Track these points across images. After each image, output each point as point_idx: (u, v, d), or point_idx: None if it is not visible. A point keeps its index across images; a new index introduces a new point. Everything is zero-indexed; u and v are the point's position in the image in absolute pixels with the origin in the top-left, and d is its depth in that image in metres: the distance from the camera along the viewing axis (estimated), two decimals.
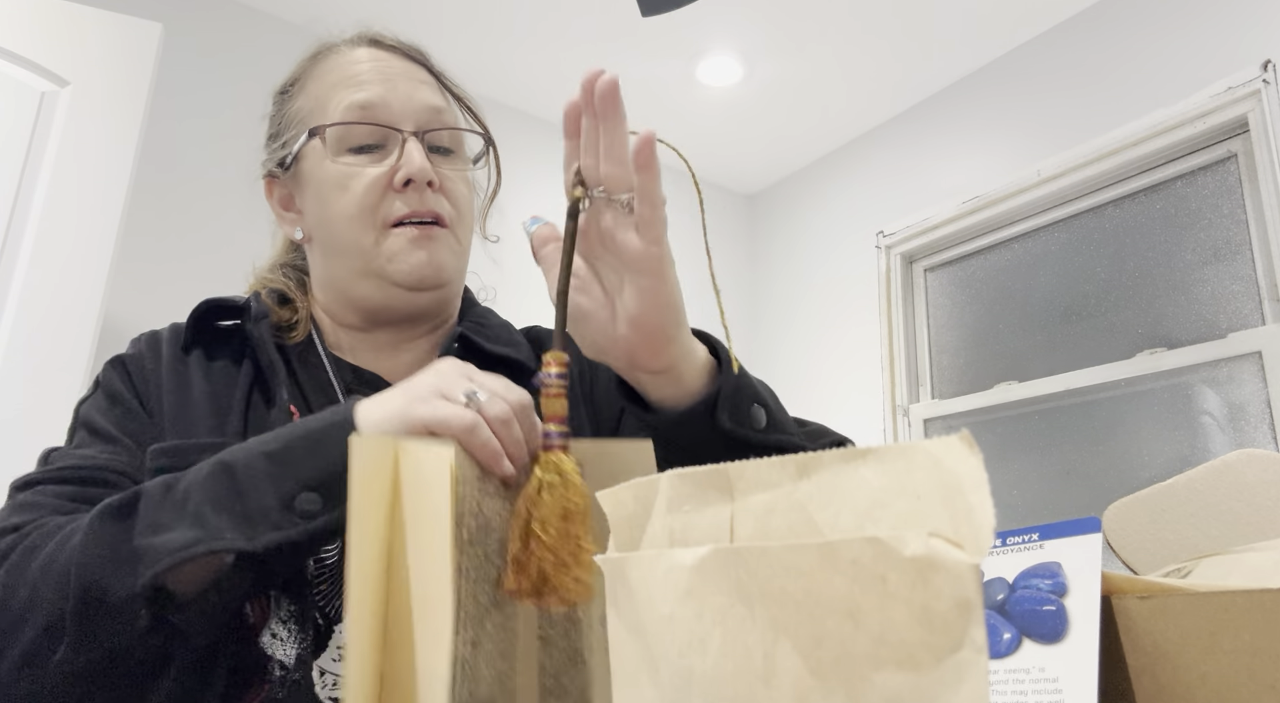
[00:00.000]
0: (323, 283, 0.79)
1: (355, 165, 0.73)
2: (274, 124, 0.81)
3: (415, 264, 0.72)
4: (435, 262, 0.72)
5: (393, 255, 0.72)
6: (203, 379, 0.72)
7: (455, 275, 0.76)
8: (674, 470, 0.36)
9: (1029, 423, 2.56)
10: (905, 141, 3.05)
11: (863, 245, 3.09)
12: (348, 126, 0.73)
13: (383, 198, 0.72)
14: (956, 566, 0.23)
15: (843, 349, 3.08)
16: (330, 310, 0.79)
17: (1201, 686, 0.34)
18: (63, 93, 1.84)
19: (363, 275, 0.74)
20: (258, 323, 0.74)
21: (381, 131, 0.73)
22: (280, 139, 0.79)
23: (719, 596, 0.29)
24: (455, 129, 0.78)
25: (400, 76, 0.76)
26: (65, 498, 0.62)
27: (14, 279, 1.72)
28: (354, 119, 0.73)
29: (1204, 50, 2.25)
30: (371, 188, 0.72)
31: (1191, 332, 2.23)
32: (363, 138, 0.73)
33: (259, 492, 0.52)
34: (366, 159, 0.73)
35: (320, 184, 0.74)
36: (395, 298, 0.74)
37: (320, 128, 0.74)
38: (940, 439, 0.25)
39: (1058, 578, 0.40)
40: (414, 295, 0.74)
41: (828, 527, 0.29)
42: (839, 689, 0.25)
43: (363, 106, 0.73)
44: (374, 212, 0.72)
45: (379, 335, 0.78)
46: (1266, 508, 0.54)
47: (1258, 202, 2.14)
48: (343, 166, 0.73)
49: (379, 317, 0.76)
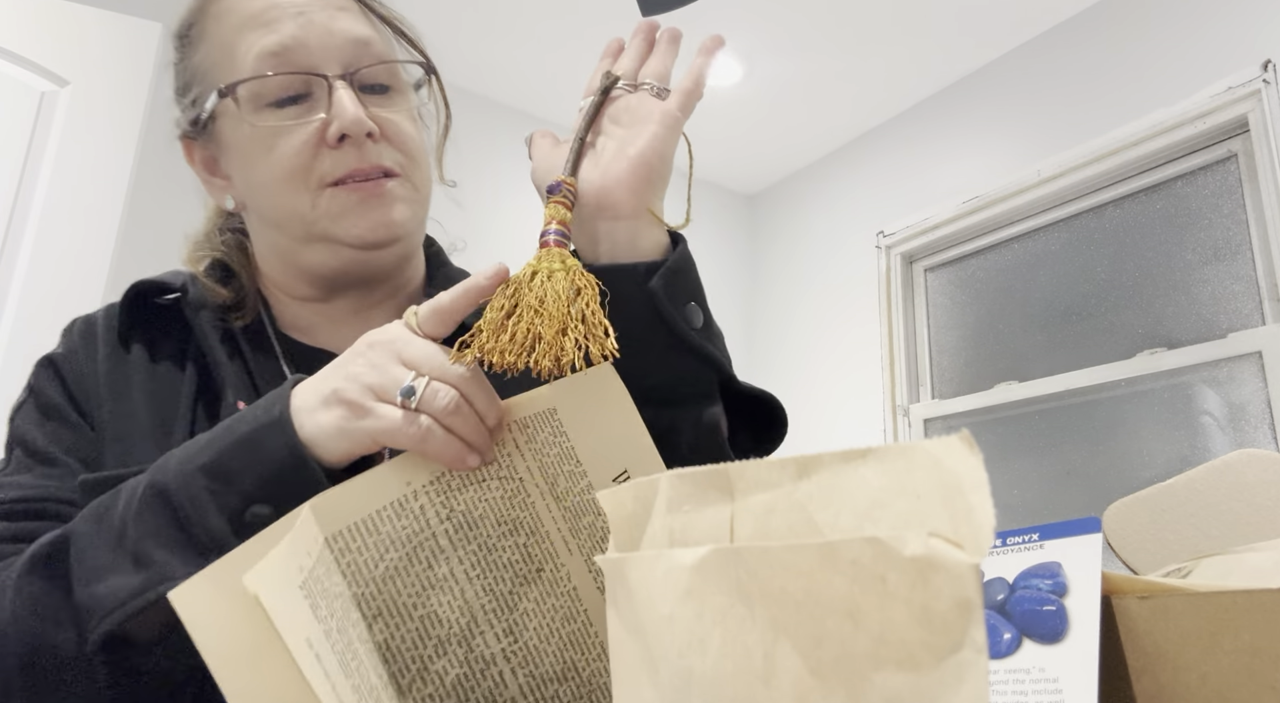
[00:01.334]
0: (266, 254, 0.70)
1: (279, 123, 0.62)
2: (179, 75, 0.70)
3: (365, 227, 0.63)
4: (388, 220, 0.64)
5: (337, 215, 0.63)
6: (145, 379, 0.64)
7: (416, 227, 0.68)
8: (674, 471, 0.36)
9: (1029, 423, 2.56)
10: (905, 141, 3.05)
11: (863, 245, 3.09)
12: (261, 80, 0.62)
13: (315, 157, 0.62)
14: (956, 566, 0.23)
15: (843, 349, 3.08)
16: (280, 283, 0.70)
17: (1202, 686, 0.34)
18: (63, 93, 1.84)
19: (307, 241, 0.65)
20: (198, 313, 0.66)
21: (304, 79, 0.63)
22: (189, 95, 0.69)
23: (719, 596, 0.29)
24: (387, 62, 0.66)
25: (314, 7, 0.64)
26: (6, 539, 0.55)
27: (14, 279, 1.72)
28: (268, 70, 0.62)
29: (1204, 50, 2.25)
30: (300, 147, 0.62)
31: (1191, 332, 2.23)
32: (282, 89, 0.63)
33: (203, 515, 0.46)
34: (291, 113, 0.63)
35: (242, 148, 0.65)
36: (350, 261, 0.65)
37: (230, 87, 0.63)
38: (940, 439, 0.25)
39: (1058, 578, 0.40)
40: (371, 255, 0.65)
41: (828, 527, 0.29)
42: (839, 689, 0.25)
43: (275, 53, 0.62)
44: (307, 174, 0.62)
45: (338, 304, 0.69)
46: (1267, 508, 0.54)
47: (1258, 201, 2.14)
48: (265, 127, 0.62)
49: (335, 283, 0.68)
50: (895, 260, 2.99)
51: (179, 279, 0.68)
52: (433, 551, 0.48)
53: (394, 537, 0.46)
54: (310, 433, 0.47)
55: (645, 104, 0.58)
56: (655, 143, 0.56)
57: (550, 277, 0.49)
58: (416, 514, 0.47)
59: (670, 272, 0.55)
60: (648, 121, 0.57)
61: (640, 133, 0.56)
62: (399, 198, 0.65)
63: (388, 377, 0.47)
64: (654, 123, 0.56)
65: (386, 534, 0.46)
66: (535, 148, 0.61)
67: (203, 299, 0.67)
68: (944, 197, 2.84)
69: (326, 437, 0.47)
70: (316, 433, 0.47)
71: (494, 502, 0.49)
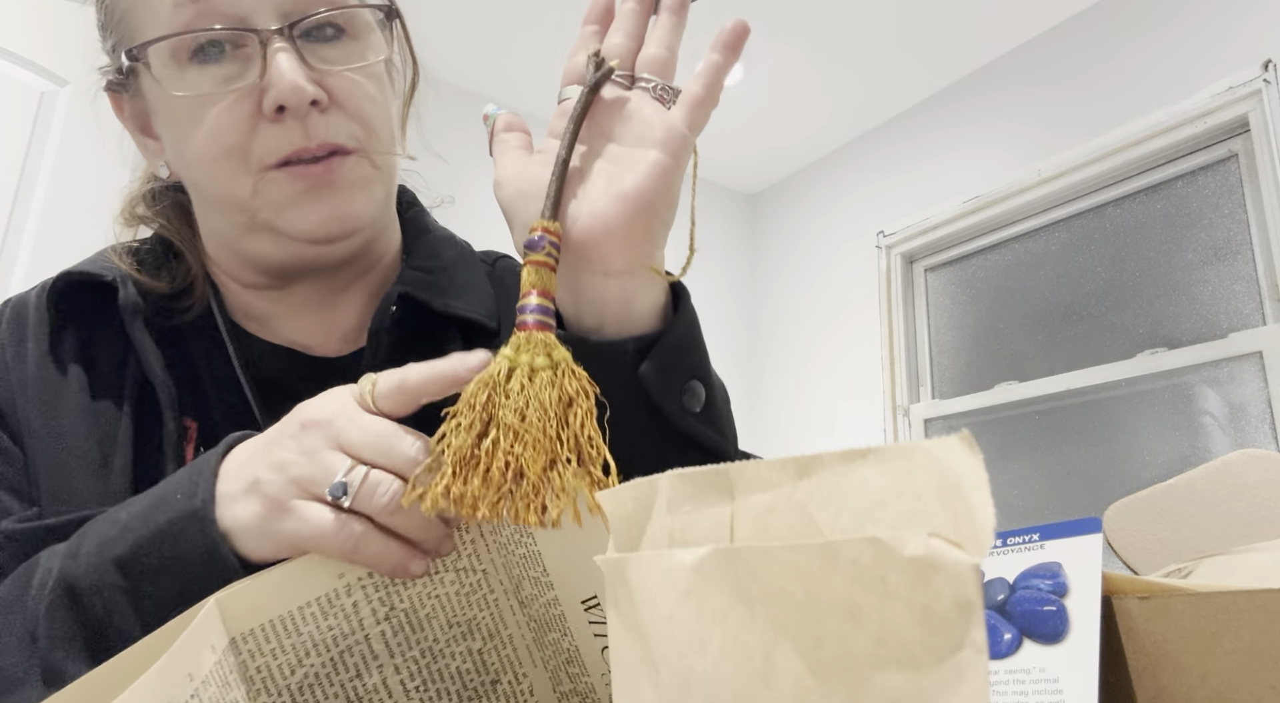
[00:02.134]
0: (209, 233, 0.60)
1: (204, 90, 0.52)
2: (100, 12, 0.60)
3: (315, 221, 0.53)
4: (342, 213, 0.53)
5: (280, 206, 0.53)
6: (78, 391, 0.55)
7: (378, 210, 0.57)
8: (674, 471, 0.36)
9: (1029, 423, 2.56)
10: (905, 141, 3.05)
11: (863, 245, 3.09)
12: (177, 38, 0.51)
13: (252, 132, 0.52)
14: (957, 566, 0.23)
15: (843, 349, 3.08)
16: (228, 269, 0.60)
17: (1202, 686, 0.34)
18: (62, 93, 1.84)
19: (249, 230, 0.55)
20: (133, 320, 0.56)
21: (230, 32, 0.51)
22: (109, 39, 0.59)
23: (719, 596, 0.29)
24: (337, 8, 0.54)
25: None
26: None
27: (14, 279, 1.72)
28: (185, 26, 0.51)
29: (1204, 50, 2.25)
30: (234, 121, 0.51)
31: (1192, 332, 2.23)
32: (207, 43, 0.52)
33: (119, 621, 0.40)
34: (220, 74, 0.52)
35: (166, 113, 0.55)
36: (298, 254, 0.56)
37: (140, 48, 0.52)
38: (941, 439, 0.25)
39: (1058, 578, 0.40)
40: (325, 249, 0.56)
41: (828, 527, 0.29)
42: (839, 690, 0.25)
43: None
44: (243, 153, 0.52)
45: (297, 291, 0.60)
46: (1267, 508, 0.54)
47: (1258, 201, 2.14)
48: (189, 94, 0.52)
49: (286, 273, 0.58)
50: (895, 260, 2.99)
51: (110, 274, 0.57)
52: (363, 656, 0.40)
53: (317, 639, 0.39)
54: (229, 526, 0.40)
55: (644, 113, 0.45)
56: (657, 178, 0.44)
57: (532, 377, 0.39)
58: (348, 613, 0.40)
59: (667, 350, 0.46)
60: (647, 142, 0.44)
61: (638, 161, 0.44)
62: (354, 182, 0.54)
63: (318, 468, 0.39)
64: (655, 146, 0.44)
65: (309, 635, 0.39)
66: (499, 149, 0.48)
67: (136, 303, 0.57)
68: (944, 197, 2.84)
69: (246, 534, 0.40)
70: (235, 527, 0.40)
71: (447, 598, 0.41)
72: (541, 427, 0.38)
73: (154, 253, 0.60)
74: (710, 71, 0.46)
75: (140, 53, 0.52)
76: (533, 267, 0.42)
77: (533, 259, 0.42)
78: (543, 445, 0.37)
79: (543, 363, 0.39)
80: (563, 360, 0.40)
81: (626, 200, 0.43)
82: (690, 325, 0.48)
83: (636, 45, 0.48)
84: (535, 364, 0.39)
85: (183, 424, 0.55)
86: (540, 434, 0.37)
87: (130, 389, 0.55)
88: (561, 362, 0.40)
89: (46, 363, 0.56)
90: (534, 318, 0.41)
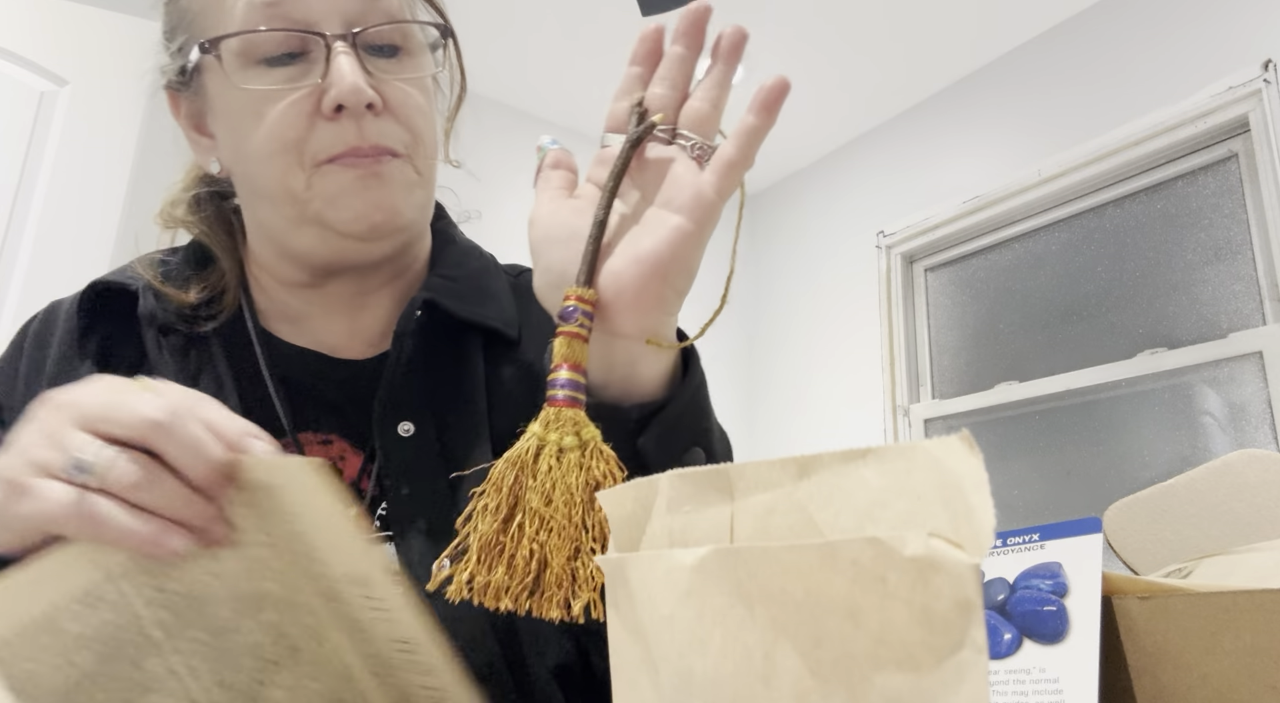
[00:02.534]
0: (254, 230, 0.63)
1: (269, 86, 0.55)
2: (167, 17, 0.62)
3: (362, 210, 0.56)
4: (387, 205, 0.56)
5: (331, 198, 0.56)
6: None
7: (417, 214, 0.61)
8: (674, 471, 0.36)
9: (1029, 423, 2.56)
10: (905, 141, 3.05)
11: (863, 245, 3.09)
12: (250, 35, 0.55)
13: (310, 129, 0.55)
14: (957, 566, 0.23)
15: (843, 349, 3.08)
16: (267, 265, 0.63)
17: (1202, 686, 0.34)
18: (62, 93, 1.84)
19: (298, 223, 0.57)
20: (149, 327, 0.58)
21: (298, 37, 0.55)
22: (175, 41, 0.61)
23: (719, 596, 0.29)
24: (398, 22, 0.58)
25: None
26: None
27: (14, 279, 1.72)
28: (258, 23, 0.54)
29: (1204, 50, 2.25)
30: (294, 118, 0.55)
31: (1192, 332, 2.23)
32: (274, 46, 0.55)
33: None
34: (283, 75, 0.55)
35: (228, 110, 0.57)
36: (344, 249, 0.58)
37: (213, 42, 0.55)
38: (941, 439, 0.25)
39: (1058, 578, 0.40)
40: (367, 245, 0.58)
41: (828, 527, 0.29)
42: (839, 690, 0.25)
43: (268, 3, 0.54)
44: (299, 148, 0.55)
45: (332, 290, 0.62)
46: (1267, 508, 0.54)
47: (1258, 201, 2.14)
48: (253, 89, 0.55)
49: (328, 269, 0.61)
50: (895, 260, 2.99)
51: (135, 283, 0.61)
52: (138, 645, 0.38)
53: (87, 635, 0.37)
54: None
55: (676, 172, 0.45)
56: (675, 244, 0.43)
57: (560, 458, 0.38)
58: (115, 603, 0.37)
59: (669, 421, 0.45)
60: (674, 205, 0.44)
61: (660, 224, 0.43)
62: (399, 183, 0.57)
63: (57, 447, 0.37)
64: (680, 211, 0.43)
65: (74, 634, 0.37)
66: (542, 185, 0.48)
67: (154, 313, 0.59)
68: (944, 197, 2.84)
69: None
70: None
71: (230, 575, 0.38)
72: (567, 513, 0.37)
73: (182, 264, 0.63)
74: (746, 134, 0.45)
75: (213, 46, 0.55)
76: (566, 338, 0.41)
77: (565, 331, 0.41)
78: (568, 534, 0.37)
79: (571, 443, 0.39)
80: (592, 440, 0.39)
81: (641, 264, 0.43)
82: (695, 393, 0.48)
83: (681, 97, 0.47)
84: (564, 444, 0.39)
85: None
86: (565, 521, 0.37)
87: None
88: (591, 441, 0.39)
89: (65, 363, 0.58)
90: (564, 394, 0.40)
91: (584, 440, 0.39)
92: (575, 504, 0.37)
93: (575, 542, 0.37)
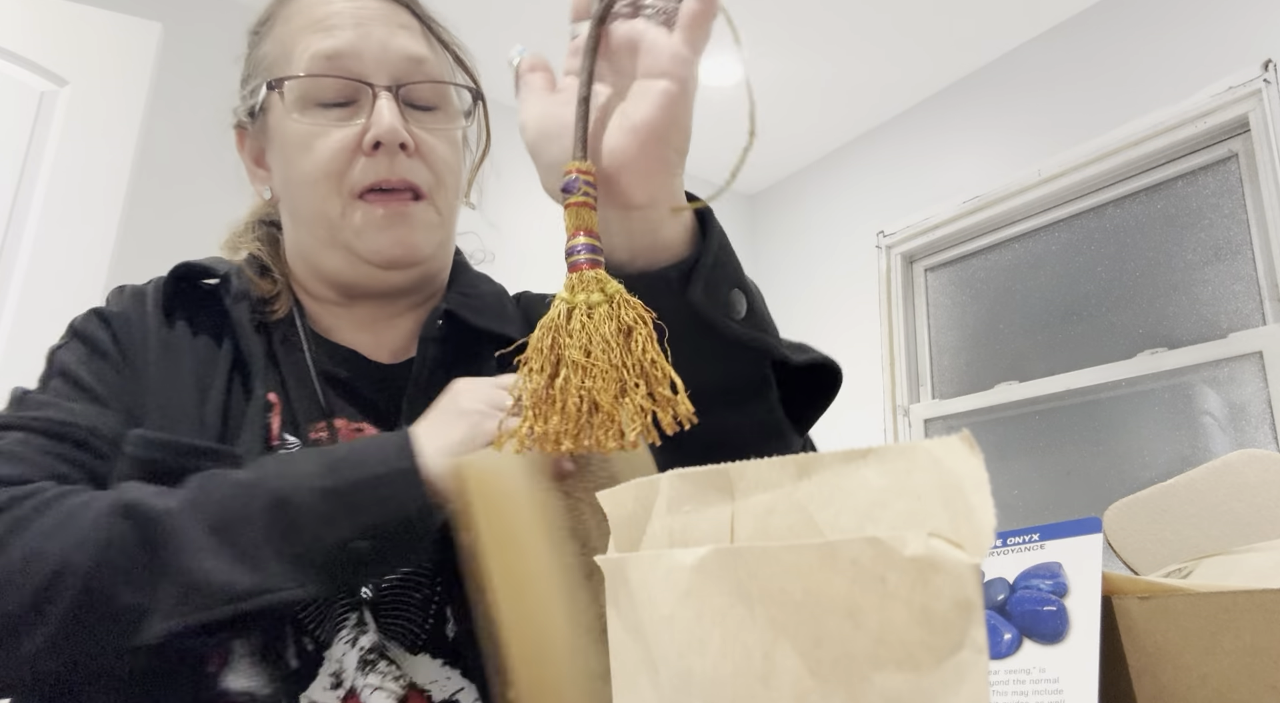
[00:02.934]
0: (293, 251, 0.72)
1: (320, 124, 0.65)
2: (246, 67, 0.73)
3: (385, 245, 0.65)
4: (407, 242, 0.65)
5: (360, 229, 0.65)
6: (189, 353, 0.66)
7: (435, 250, 0.69)
8: (674, 471, 0.36)
9: (1029, 423, 2.56)
10: (905, 141, 3.05)
11: (863, 245, 3.09)
12: (311, 79, 0.65)
13: (350, 162, 0.64)
14: (957, 566, 0.23)
15: (843, 349, 3.08)
16: (302, 282, 0.72)
17: (1202, 686, 0.34)
18: (62, 93, 1.84)
19: (329, 246, 0.67)
20: (237, 303, 0.67)
21: (351, 86, 0.65)
22: (248, 86, 0.72)
23: (719, 596, 0.29)
24: (437, 82, 0.68)
25: (376, 20, 0.66)
26: (52, 456, 0.57)
27: (14, 279, 1.72)
28: (318, 71, 0.64)
29: (1204, 50, 2.25)
30: (338, 151, 0.64)
31: (1192, 332, 2.23)
32: (329, 93, 0.65)
33: (317, 535, 0.50)
34: (334, 116, 0.65)
35: (284, 142, 0.67)
36: (366, 275, 0.67)
37: (279, 81, 0.66)
38: (941, 439, 0.25)
39: (1058, 578, 0.40)
40: (386, 273, 0.67)
41: (828, 527, 0.29)
42: (839, 690, 0.25)
43: (329, 56, 0.65)
44: (340, 178, 0.64)
45: (358, 311, 0.71)
46: (1267, 508, 0.54)
47: (1258, 201, 2.14)
48: (307, 125, 0.65)
49: (352, 291, 0.70)
50: (895, 260, 2.99)
51: (223, 267, 0.69)
52: None
53: None
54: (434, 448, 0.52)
55: (649, 40, 0.46)
56: (665, 107, 0.44)
57: (591, 313, 0.41)
58: None
59: (706, 271, 0.48)
60: (655, 72, 0.45)
61: (646, 92, 0.45)
62: (421, 223, 0.66)
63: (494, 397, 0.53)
64: (663, 76, 0.45)
65: None
66: (524, 91, 0.50)
67: (244, 291, 0.68)
68: (944, 197, 2.84)
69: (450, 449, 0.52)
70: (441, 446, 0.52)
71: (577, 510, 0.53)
72: (607, 359, 0.39)
73: (254, 265, 0.72)
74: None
75: (278, 84, 0.66)
76: (574, 209, 0.43)
77: (572, 201, 0.43)
78: (611, 376, 0.39)
79: (598, 299, 0.41)
80: (616, 293, 0.42)
81: (638, 133, 0.45)
82: (721, 242, 0.50)
83: None
84: (591, 301, 0.41)
85: (268, 399, 0.64)
86: (606, 366, 0.39)
87: (224, 358, 0.65)
88: (615, 294, 0.41)
89: (164, 329, 0.66)
90: (585, 257, 0.42)
91: (609, 294, 0.41)
92: (613, 350, 0.40)
93: (620, 382, 0.39)
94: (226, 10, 2.57)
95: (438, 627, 0.60)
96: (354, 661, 0.58)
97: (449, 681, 0.59)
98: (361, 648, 0.58)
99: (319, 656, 0.57)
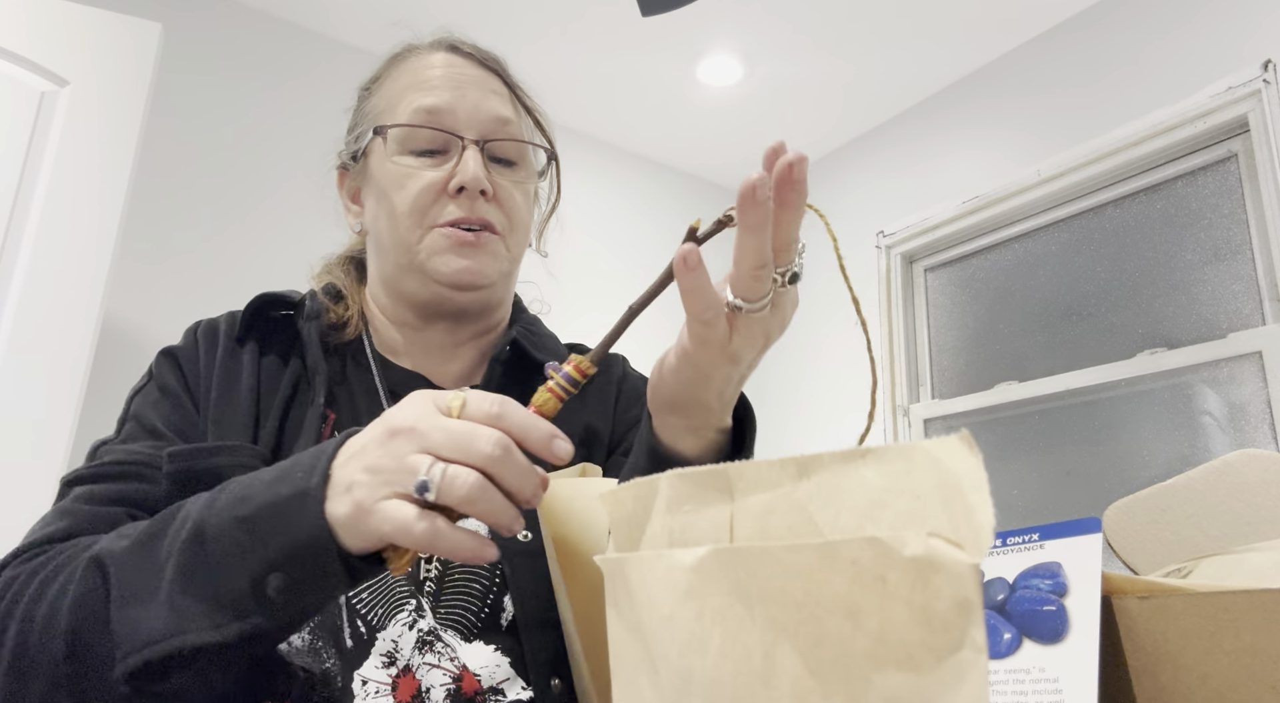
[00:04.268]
0: (375, 277, 0.81)
1: (415, 167, 0.74)
2: (353, 118, 0.83)
3: (456, 267, 0.73)
4: (476, 266, 0.74)
5: (433, 252, 0.73)
6: (251, 375, 0.73)
7: (500, 279, 0.77)
8: (674, 471, 0.36)
9: (1029, 423, 2.56)
10: (905, 141, 3.04)
11: (863, 245, 3.09)
12: (411, 129, 0.75)
13: (435, 201, 0.73)
14: (956, 566, 0.23)
15: (843, 349, 3.08)
16: (384, 306, 0.80)
17: (1202, 686, 0.34)
18: (62, 93, 1.84)
19: (407, 270, 0.75)
20: (309, 322, 0.75)
21: (444, 137, 0.75)
22: (354, 133, 0.82)
23: (718, 596, 0.29)
24: (517, 141, 0.78)
25: (471, 84, 0.77)
26: (104, 500, 0.62)
27: (14, 279, 1.72)
28: (418, 122, 0.74)
29: (1204, 50, 2.25)
30: (426, 189, 0.73)
31: (1192, 332, 2.23)
32: (425, 142, 0.75)
33: (229, 572, 0.48)
34: (427, 162, 0.74)
35: (380, 181, 0.76)
36: (438, 294, 0.75)
37: (384, 127, 0.76)
38: (940, 439, 0.25)
39: (1058, 578, 0.40)
40: (455, 293, 0.75)
41: (828, 527, 0.29)
42: (839, 690, 0.25)
43: (429, 111, 0.74)
44: (424, 213, 0.73)
45: (430, 335, 0.79)
46: (1267, 508, 0.54)
47: (1258, 201, 2.14)
48: (402, 167, 0.74)
49: (427, 311, 0.78)
50: (895, 260, 2.99)
51: (297, 295, 0.79)
52: None
53: None
54: (331, 518, 0.47)
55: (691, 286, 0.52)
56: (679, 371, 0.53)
57: None
58: None
59: None
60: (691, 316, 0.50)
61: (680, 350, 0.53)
62: (491, 252, 0.75)
63: (404, 469, 0.45)
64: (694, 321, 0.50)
65: None
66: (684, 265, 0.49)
67: (317, 312, 0.77)
68: (944, 197, 2.84)
69: (343, 527, 0.47)
70: (334, 520, 0.47)
71: None
72: None
73: (329, 292, 0.80)
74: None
75: (382, 131, 0.76)
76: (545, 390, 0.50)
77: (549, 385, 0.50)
78: None
79: None
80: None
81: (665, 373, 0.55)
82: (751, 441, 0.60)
83: None
84: None
85: (325, 411, 0.72)
86: None
87: (289, 378, 0.73)
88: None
89: (230, 357, 0.74)
90: None
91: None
92: None
93: None
94: (226, 10, 2.57)
95: (493, 617, 0.66)
96: (411, 641, 0.63)
97: (499, 668, 0.64)
98: (420, 630, 0.63)
99: (372, 637, 0.62)
